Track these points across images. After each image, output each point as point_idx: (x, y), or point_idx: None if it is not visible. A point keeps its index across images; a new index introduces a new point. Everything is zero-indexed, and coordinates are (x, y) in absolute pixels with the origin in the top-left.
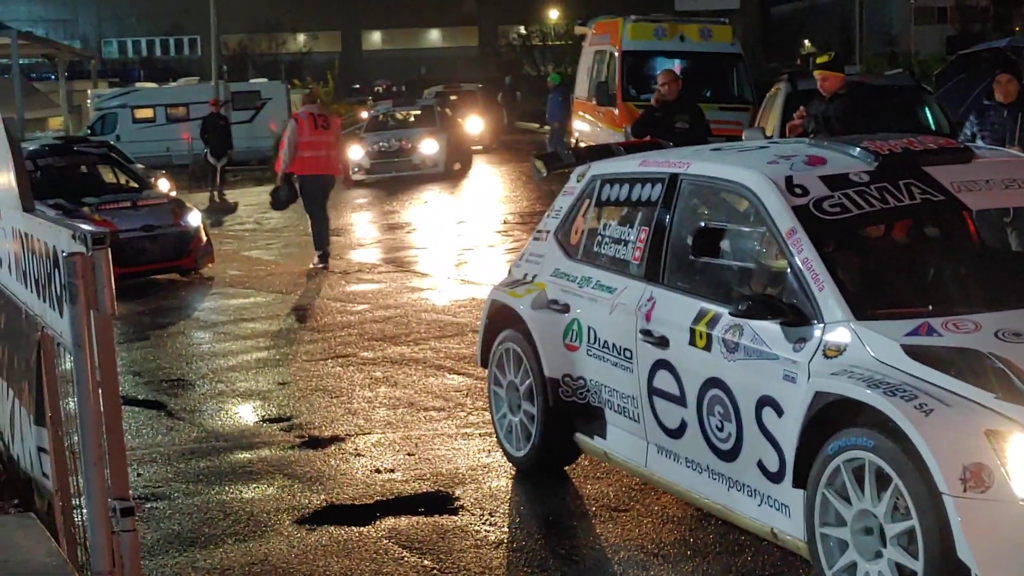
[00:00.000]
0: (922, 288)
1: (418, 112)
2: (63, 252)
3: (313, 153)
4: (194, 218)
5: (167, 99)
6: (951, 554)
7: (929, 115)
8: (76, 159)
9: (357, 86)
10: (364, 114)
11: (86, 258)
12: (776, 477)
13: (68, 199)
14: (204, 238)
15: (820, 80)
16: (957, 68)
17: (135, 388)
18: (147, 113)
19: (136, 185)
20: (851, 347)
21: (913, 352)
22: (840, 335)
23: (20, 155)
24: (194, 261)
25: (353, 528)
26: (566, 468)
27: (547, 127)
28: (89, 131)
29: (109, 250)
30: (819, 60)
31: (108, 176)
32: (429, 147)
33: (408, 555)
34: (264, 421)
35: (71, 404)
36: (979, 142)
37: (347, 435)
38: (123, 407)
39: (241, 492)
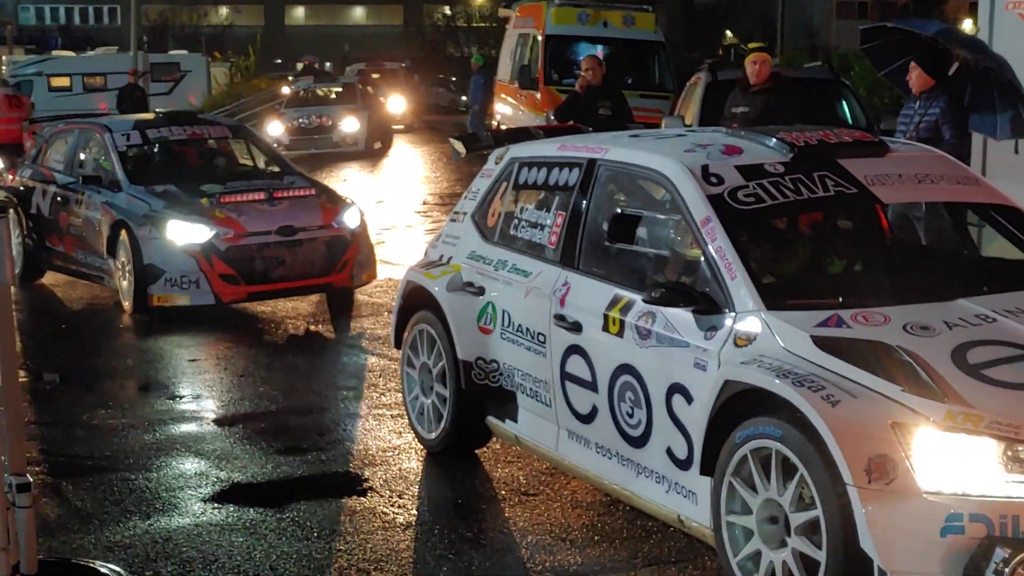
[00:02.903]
0: (833, 280)
1: (339, 89)
2: None
3: (7, 127)
4: (351, 217)
5: (84, 68)
6: (854, 545)
7: (847, 109)
8: (201, 130)
9: (279, 61)
10: (285, 89)
11: None
12: (684, 464)
13: (182, 185)
14: (365, 244)
15: (757, 64)
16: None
17: (43, 363)
18: (63, 82)
19: (277, 169)
20: (761, 337)
21: (822, 343)
22: (751, 324)
23: None
24: (349, 277)
25: (259, 508)
26: (477, 451)
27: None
28: None
29: (10, 219)
30: (753, 45)
31: (242, 156)
32: (349, 125)
33: (315, 536)
34: (172, 399)
35: None
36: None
37: (256, 414)
38: (29, 382)
39: (147, 470)
